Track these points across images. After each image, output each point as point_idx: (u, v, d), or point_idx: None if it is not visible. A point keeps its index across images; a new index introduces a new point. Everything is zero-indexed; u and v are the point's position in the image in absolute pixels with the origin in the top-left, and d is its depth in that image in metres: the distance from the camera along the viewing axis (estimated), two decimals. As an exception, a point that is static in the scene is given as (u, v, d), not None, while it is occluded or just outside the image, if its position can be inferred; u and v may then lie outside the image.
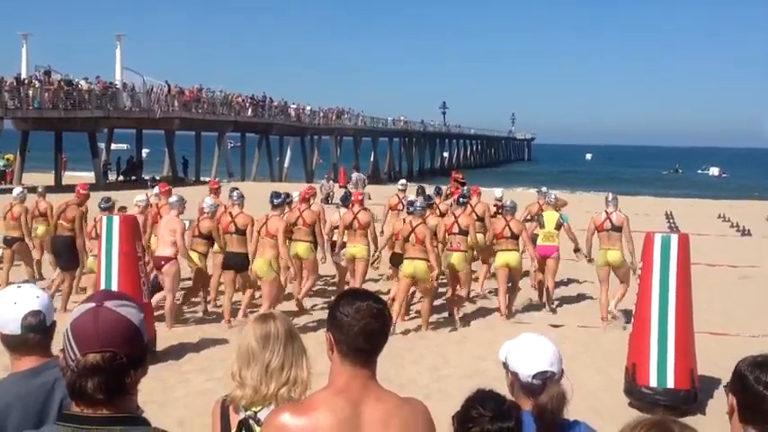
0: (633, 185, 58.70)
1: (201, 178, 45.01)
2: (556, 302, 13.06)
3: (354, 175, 37.99)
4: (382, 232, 14.05)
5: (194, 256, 11.07)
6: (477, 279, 13.53)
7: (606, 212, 11.57)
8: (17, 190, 13.32)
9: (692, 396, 7.87)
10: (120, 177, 44.18)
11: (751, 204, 36.31)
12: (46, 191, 13.92)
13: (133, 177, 43.01)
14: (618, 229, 11.40)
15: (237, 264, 10.83)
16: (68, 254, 11.81)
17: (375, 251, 12.20)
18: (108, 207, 10.95)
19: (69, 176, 43.42)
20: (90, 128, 40.02)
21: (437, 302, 12.43)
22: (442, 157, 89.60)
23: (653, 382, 7.83)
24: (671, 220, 25.74)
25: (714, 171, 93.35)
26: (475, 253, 12.63)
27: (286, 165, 56.71)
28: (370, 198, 16.43)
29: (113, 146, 49.20)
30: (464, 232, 11.43)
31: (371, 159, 69.15)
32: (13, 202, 12.82)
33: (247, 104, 51.81)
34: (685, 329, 7.90)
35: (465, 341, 10.64)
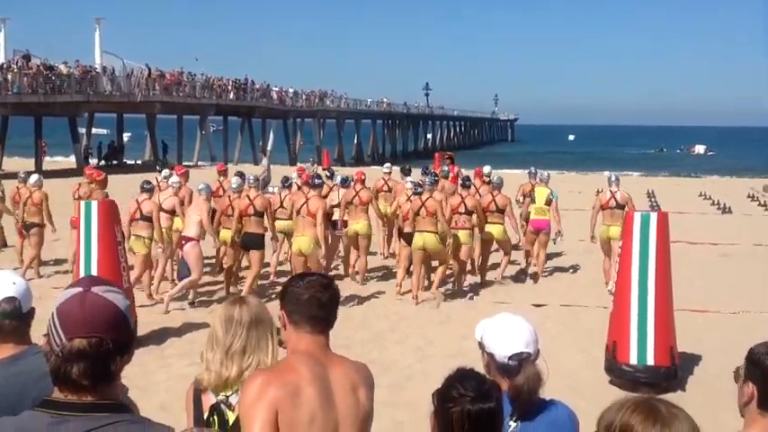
0: (615, 164, 58.90)
1: (184, 162, 44.78)
2: (540, 281, 13.19)
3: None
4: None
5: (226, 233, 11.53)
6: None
7: (611, 191, 12.44)
8: (34, 177, 13.46)
9: (673, 373, 7.94)
10: (102, 162, 43.88)
11: (732, 182, 36.57)
12: (27, 176, 13.73)
13: (114, 162, 42.71)
14: (621, 207, 12.10)
15: (254, 243, 11.28)
16: (37, 232, 12.32)
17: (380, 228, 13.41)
18: (149, 189, 11.46)
19: (50, 162, 43.10)
20: (70, 113, 39.61)
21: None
22: (425, 138, 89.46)
23: (633, 360, 7.89)
24: (652, 199, 25.84)
25: (700, 149, 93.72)
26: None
27: (269, 148, 56.44)
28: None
29: (93, 131, 48.80)
30: (470, 212, 11.98)
31: (355, 142, 68.97)
32: (31, 188, 13.02)
33: (229, 88, 51.47)
34: (665, 307, 7.96)
35: (448, 321, 10.67)
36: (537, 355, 2.81)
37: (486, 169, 15.44)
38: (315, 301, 2.63)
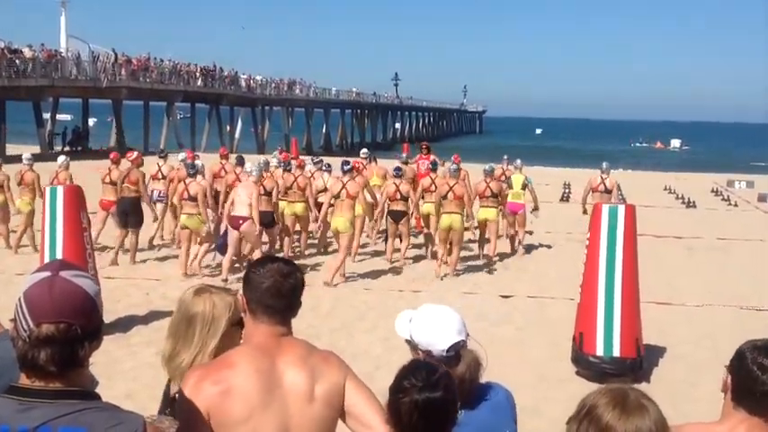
0: (582, 159, 59.39)
1: (150, 150, 44.34)
2: (508, 272, 13.30)
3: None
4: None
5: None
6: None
7: (601, 177, 14.54)
8: (61, 158, 14.25)
9: (638, 364, 8.03)
10: (66, 148, 43.25)
11: (696, 177, 37.03)
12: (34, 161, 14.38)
13: (79, 148, 42.14)
14: (609, 191, 14.27)
15: (267, 221, 12.44)
16: (135, 213, 13.28)
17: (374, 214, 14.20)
18: (195, 173, 12.53)
19: (13, 147, 42.39)
20: (35, 97, 38.99)
21: (391, 271, 12.46)
22: (394, 128, 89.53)
23: (599, 351, 7.96)
24: (619, 192, 26.06)
25: (675, 143, 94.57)
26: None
27: (237, 136, 56.07)
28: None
29: (58, 116, 48.10)
30: (495, 195, 13.58)
31: (323, 131, 68.79)
32: (58, 170, 13.61)
33: (197, 74, 50.98)
34: (631, 299, 8.04)
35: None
36: (467, 338, 2.78)
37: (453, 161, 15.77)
38: (274, 290, 2.51)
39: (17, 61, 36.61)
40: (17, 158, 16.13)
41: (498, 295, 11.63)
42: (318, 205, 13.45)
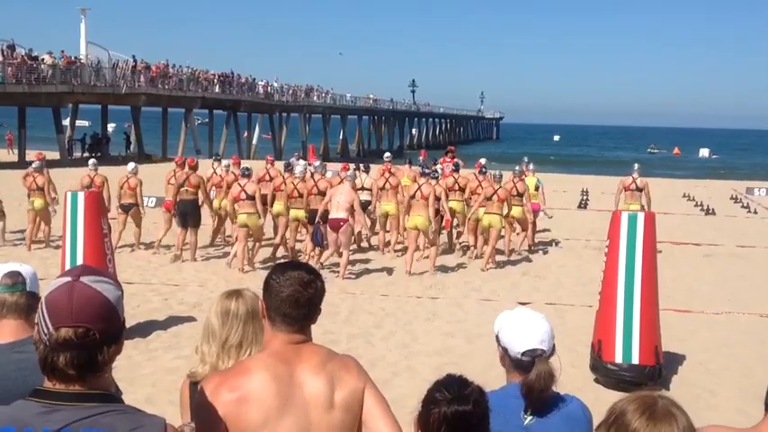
0: (601, 166, 59.14)
1: (168, 156, 44.59)
2: (526, 279, 13.27)
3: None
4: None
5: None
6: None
7: (632, 177, 15.78)
8: (131, 165, 15.37)
9: (657, 372, 7.98)
10: (85, 154, 43.58)
11: (716, 184, 36.81)
12: (42, 166, 15.39)
13: (98, 154, 42.44)
14: (640, 189, 15.63)
15: (313, 217, 13.20)
16: (194, 214, 14.11)
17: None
18: (249, 174, 13.55)
19: (31, 154, 42.74)
20: (54, 103, 39.35)
21: (393, 278, 12.47)
22: (410, 135, 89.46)
23: (618, 359, 7.92)
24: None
25: (704, 152, 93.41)
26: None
27: (254, 142, 56.29)
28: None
29: (77, 122, 48.46)
30: (521, 194, 14.84)
31: (340, 137, 68.89)
32: (128, 175, 14.84)
33: (215, 81, 51.25)
34: (651, 306, 8.00)
35: (434, 318, 10.68)
36: (552, 351, 2.82)
37: (482, 161, 17.17)
38: (293, 300, 2.49)
39: (38, 68, 36.96)
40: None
41: (516, 302, 11.59)
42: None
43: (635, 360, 7.88)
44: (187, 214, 14.05)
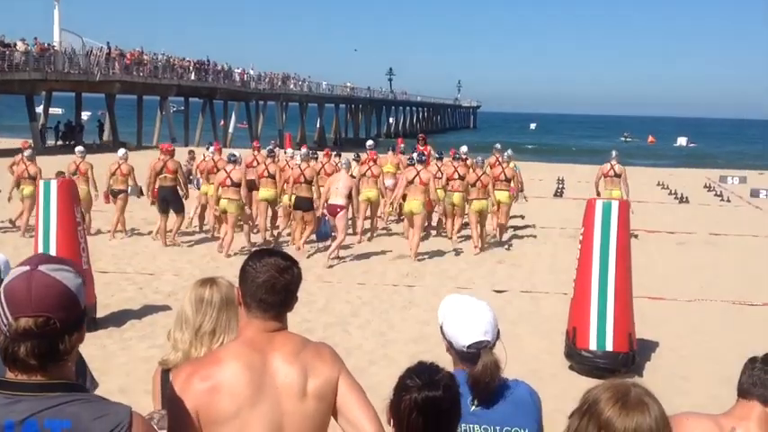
0: (576, 155, 59.47)
1: (143, 143, 44.25)
2: (501, 267, 13.33)
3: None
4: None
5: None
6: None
7: (611, 164, 16.40)
8: (121, 151, 15.79)
9: (631, 359, 8.06)
10: (59, 142, 43.11)
11: (690, 173, 37.13)
12: (34, 155, 15.66)
13: (71, 142, 42.00)
14: (618, 176, 16.28)
15: (305, 205, 13.65)
16: (176, 200, 14.45)
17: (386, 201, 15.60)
18: (235, 161, 13.75)
19: (4, 141, 42.24)
20: (27, 91, 38.87)
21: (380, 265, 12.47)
22: (388, 123, 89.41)
23: (593, 346, 7.99)
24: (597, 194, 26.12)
25: (682, 141, 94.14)
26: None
27: (230, 130, 55.94)
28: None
29: (50, 110, 47.91)
30: (508, 179, 15.36)
31: (317, 125, 68.71)
32: (119, 161, 15.02)
33: (191, 68, 50.84)
34: (624, 294, 8.07)
35: (410, 307, 10.71)
36: (496, 341, 2.80)
37: (464, 149, 18.10)
38: (269, 285, 2.48)
39: (10, 55, 36.45)
40: (9, 152, 16.23)
41: (492, 290, 11.66)
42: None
43: (609, 347, 7.95)
44: (168, 200, 14.30)
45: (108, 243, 14.48)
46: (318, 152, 15.65)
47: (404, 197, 14.11)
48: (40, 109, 44.27)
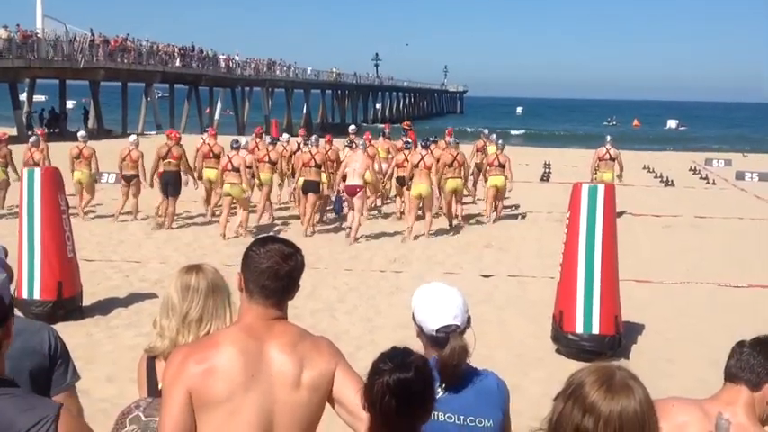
0: (562, 139, 59.54)
1: (128, 131, 43.96)
2: (488, 252, 13.35)
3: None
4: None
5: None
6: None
7: (606, 148, 17.62)
8: (132, 137, 16.38)
9: (617, 341, 8.10)
10: (38, 129, 42.69)
11: (675, 156, 37.28)
12: (38, 140, 16.21)
13: (56, 129, 41.69)
14: (613, 159, 17.48)
15: (313, 188, 14.24)
16: (176, 185, 14.98)
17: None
18: (237, 147, 14.40)
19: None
20: (10, 78, 38.51)
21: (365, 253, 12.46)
22: (374, 109, 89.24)
23: (579, 329, 8.02)
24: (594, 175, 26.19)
25: (672, 124, 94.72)
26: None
27: (216, 116, 55.67)
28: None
29: (34, 97, 47.46)
30: (502, 165, 16.20)
31: (304, 111, 68.49)
32: (130, 147, 15.58)
33: (175, 54, 50.48)
34: (611, 277, 8.09)
35: (397, 292, 10.71)
36: (466, 326, 2.80)
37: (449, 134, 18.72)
38: (272, 272, 2.50)
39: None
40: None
41: (479, 275, 11.68)
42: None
43: (595, 330, 7.99)
44: (169, 184, 14.88)
45: (92, 232, 14.40)
46: (321, 138, 16.12)
47: (399, 180, 15.12)
48: (23, 96, 43.88)
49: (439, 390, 2.68)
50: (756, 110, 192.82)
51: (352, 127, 19.37)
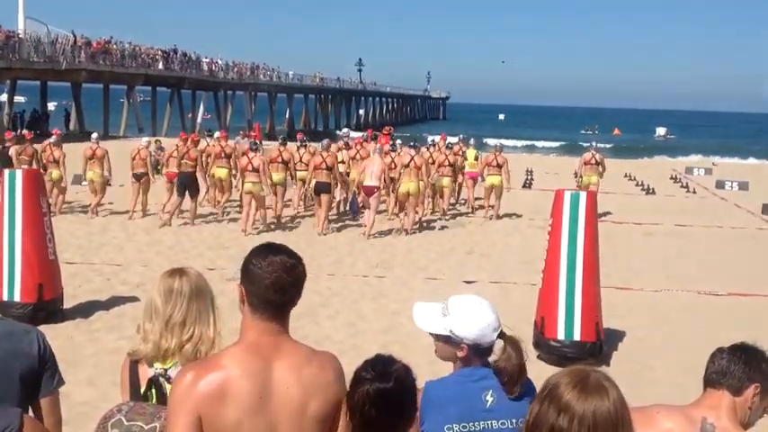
0: (544, 146, 59.79)
1: (110, 133, 43.72)
2: (470, 258, 13.38)
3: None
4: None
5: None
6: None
7: (592, 153, 18.72)
8: (144, 138, 18.16)
9: (598, 348, 8.15)
10: (25, 131, 42.39)
11: (656, 163, 37.54)
12: (61, 141, 17.15)
13: (37, 132, 41.39)
14: (598, 163, 18.42)
15: (325, 189, 15.12)
16: (193, 185, 15.74)
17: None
18: (256, 148, 15.72)
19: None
20: (-9, 79, 38.24)
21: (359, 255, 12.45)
22: (357, 114, 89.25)
23: (560, 335, 8.07)
24: (579, 179, 26.34)
25: (661, 131, 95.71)
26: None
27: (199, 120, 55.44)
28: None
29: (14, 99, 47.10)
30: (499, 165, 17.49)
31: (287, 116, 68.38)
32: (140, 147, 16.65)
33: (158, 57, 50.27)
34: (592, 284, 8.15)
35: (380, 297, 10.72)
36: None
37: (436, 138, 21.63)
38: (278, 286, 2.42)
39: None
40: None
41: (461, 281, 11.71)
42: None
43: (576, 336, 8.04)
44: (186, 184, 15.64)
45: (74, 234, 14.31)
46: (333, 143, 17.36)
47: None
48: (3, 97, 43.55)
49: (487, 398, 2.67)
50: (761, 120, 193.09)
51: (345, 129, 21.57)
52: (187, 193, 15.73)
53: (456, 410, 2.45)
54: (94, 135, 17.86)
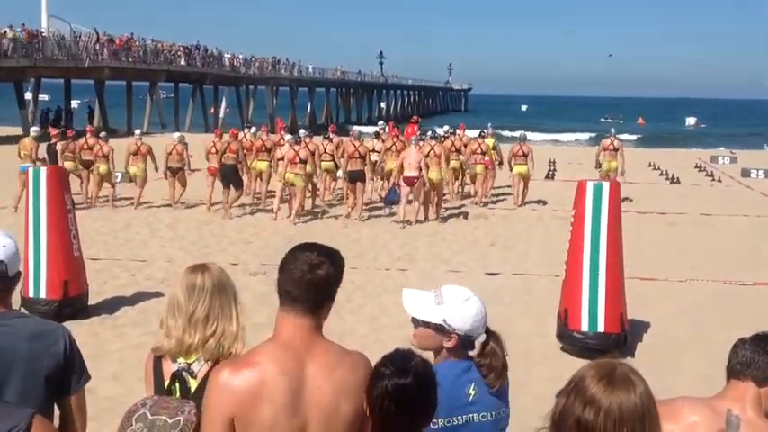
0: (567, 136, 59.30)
1: (133, 129, 44.01)
2: (493, 250, 13.35)
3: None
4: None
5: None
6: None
7: (611, 140, 19.36)
8: (177, 134, 19.19)
9: (622, 339, 8.09)
10: (49, 129, 42.83)
11: (681, 153, 37.17)
12: (108, 137, 18.13)
13: (63, 129, 41.76)
14: (617, 150, 19.08)
15: (357, 177, 15.94)
16: (235, 177, 16.67)
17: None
18: (299, 141, 16.14)
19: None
20: (16, 78, 38.62)
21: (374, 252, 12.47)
22: (379, 107, 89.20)
23: (584, 327, 8.02)
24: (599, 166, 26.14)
25: (691, 121, 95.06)
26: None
27: (221, 115, 55.69)
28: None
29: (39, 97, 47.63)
30: (525, 155, 18.43)
31: (308, 110, 68.47)
32: (174, 142, 17.55)
33: (180, 53, 50.53)
34: (616, 275, 8.09)
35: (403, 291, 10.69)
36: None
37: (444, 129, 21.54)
38: (295, 278, 2.45)
39: (0, 42, 36.21)
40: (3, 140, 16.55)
41: (484, 273, 11.68)
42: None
43: (600, 328, 7.98)
44: (229, 176, 16.49)
45: (99, 230, 14.43)
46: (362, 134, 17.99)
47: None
48: (28, 95, 44.01)
49: (470, 391, 2.67)
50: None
51: (381, 123, 22.41)
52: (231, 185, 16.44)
53: (441, 404, 2.44)
54: (138, 131, 18.87)
